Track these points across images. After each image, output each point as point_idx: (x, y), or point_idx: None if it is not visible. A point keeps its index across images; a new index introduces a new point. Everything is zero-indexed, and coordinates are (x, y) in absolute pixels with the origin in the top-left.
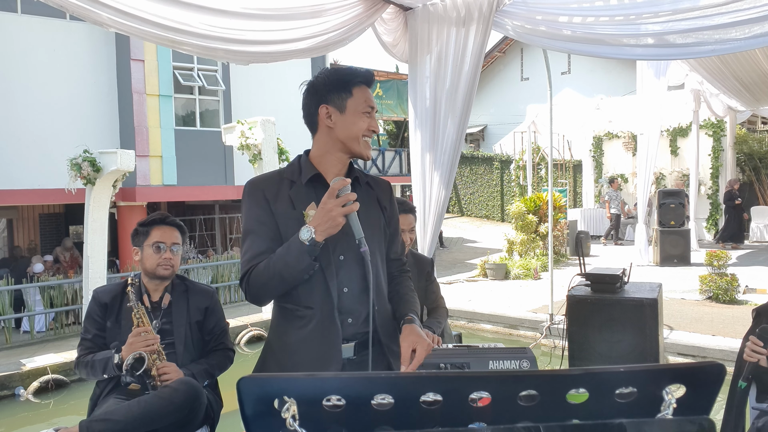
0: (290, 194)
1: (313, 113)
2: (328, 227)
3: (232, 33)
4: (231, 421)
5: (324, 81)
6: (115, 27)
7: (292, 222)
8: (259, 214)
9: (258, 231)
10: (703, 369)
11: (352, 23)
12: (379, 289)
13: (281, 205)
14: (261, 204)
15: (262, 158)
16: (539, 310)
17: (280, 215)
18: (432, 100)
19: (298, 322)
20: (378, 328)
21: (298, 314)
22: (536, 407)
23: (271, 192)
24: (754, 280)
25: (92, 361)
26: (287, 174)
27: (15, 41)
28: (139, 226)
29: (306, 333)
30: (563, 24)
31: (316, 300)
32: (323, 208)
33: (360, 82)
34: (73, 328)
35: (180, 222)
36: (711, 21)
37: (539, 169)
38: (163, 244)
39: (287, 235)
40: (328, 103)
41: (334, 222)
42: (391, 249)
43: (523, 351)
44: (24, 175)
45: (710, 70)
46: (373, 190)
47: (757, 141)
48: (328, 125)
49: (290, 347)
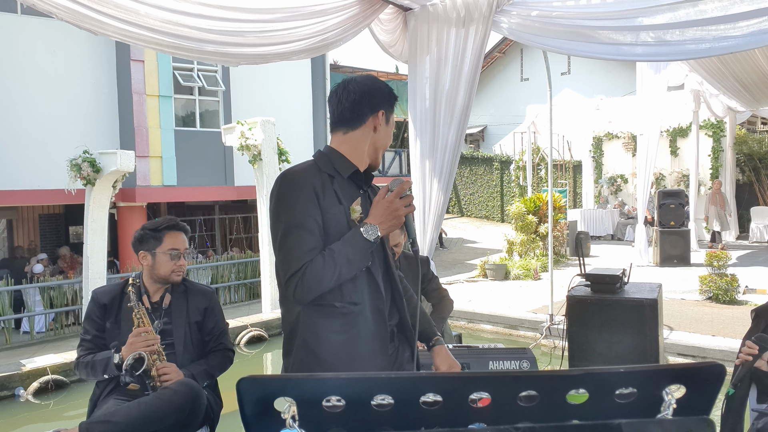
0: (335, 188)
1: (365, 113)
2: (391, 225)
3: (229, 35)
4: (231, 421)
5: (383, 90)
6: (103, 33)
7: (340, 217)
8: (308, 207)
9: (308, 225)
10: (703, 369)
11: (350, 23)
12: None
13: (328, 199)
14: (311, 197)
15: (262, 159)
16: (539, 311)
17: (327, 209)
18: (432, 100)
19: (342, 319)
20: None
21: (344, 311)
22: (536, 408)
23: (318, 185)
24: (754, 281)
25: (92, 362)
26: (324, 167)
27: (15, 42)
28: (150, 231)
29: (356, 329)
30: (562, 25)
31: (363, 295)
32: (389, 207)
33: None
34: (73, 329)
35: (186, 225)
36: (709, 16)
37: (539, 169)
38: (178, 251)
39: (331, 230)
40: (386, 110)
41: (399, 221)
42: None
43: (523, 351)
44: (24, 176)
45: (710, 71)
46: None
47: (756, 141)
48: (376, 127)
49: (337, 345)
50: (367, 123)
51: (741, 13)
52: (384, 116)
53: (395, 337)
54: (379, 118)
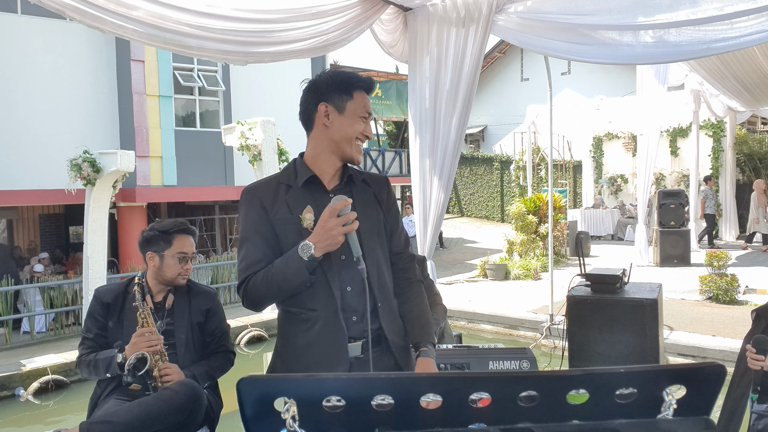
0: (287, 199)
1: (311, 110)
2: (328, 245)
3: (231, 35)
4: (231, 421)
5: (327, 80)
6: (110, 30)
7: (291, 227)
8: (254, 220)
9: (254, 239)
10: (703, 369)
11: (351, 24)
12: (383, 286)
13: (279, 211)
14: (257, 210)
15: (262, 159)
16: (539, 311)
17: (278, 221)
18: (432, 100)
19: (303, 325)
20: (383, 326)
21: (303, 317)
22: (536, 408)
23: (268, 198)
24: (754, 281)
25: (95, 360)
26: (283, 178)
27: (15, 42)
28: (160, 233)
29: (312, 335)
30: (562, 26)
31: (320, 301)
32: (324, 227)
33: (361, 87)
34: (73, 329)
35: (195, 229)
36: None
37: (539, 169)
38: (186, 255)
39: (285, 241)
40: (329, 101)
41: (334, 240)
42: (393, 242)
43: (523, 351)
44: (24, 176)
45: (710, 71)
46: (370, 187)
47: (757, 141)
48: (324, 124)
49: (298, 350)
50: (316, 121)
51: (739, 12)
52: (331, 108)
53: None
54: (321, 113)
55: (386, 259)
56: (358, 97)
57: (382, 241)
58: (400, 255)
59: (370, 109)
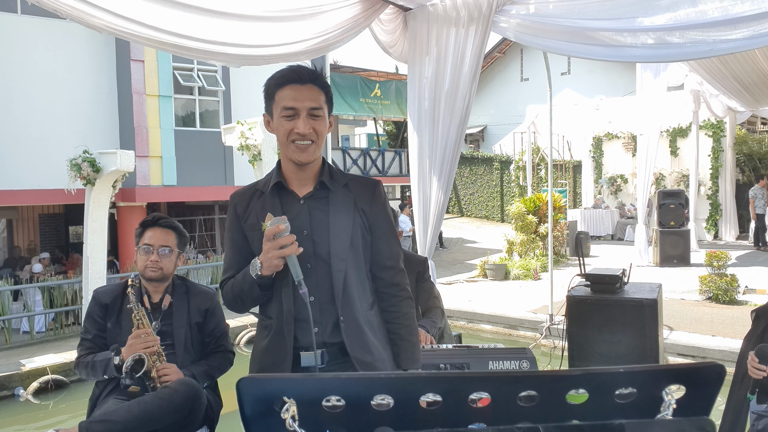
0: (255, 206)
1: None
2: (270, 266)
3: (228, 35)
4: (231, 421)
5: (265, 87)
6: (108, 30)
7: (257, 234)
8: (229, 227)
9: (229, 245)
10: (702, 369)
11: (350, 24)
12: (348, 300)
13: (250, 218)
14: (232, 219)
15: (262, 158)
16: (539, 311)
17: (248, 228)
18: (431, 100)
19: (263, 332)
20: (345, 340)
21: (264, 324)
22: (536, 408)
23: (241, 206)
24: (753, 281)
25: (92, 362)
26: (260, 185)
27: (15, 42)
28: (138, 228)
29: (266, 342)
30: (562, 26)
31: (275, 310)
32: (264, 249)
33: (279, 84)
34: (73, 329)
35: (177, 224)
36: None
37: (539, 169)
38: (151, 246)
39: (256, 247)
40: (266, 110)
41: (274, 263)
42: (381, 253)
43: (523, 351)
44: (24, 176)
45: (710, 71)
46: (351, 192)
47: (756, 141)
48: (271, 132)
49: (256, 355)
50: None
51: (741, 16)
52: (267, 116)
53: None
54: (266, 122)
55: (360, 270)
56: (279, 96)
57: (356, 251)
58: (388, 270)
59: (289, 103)
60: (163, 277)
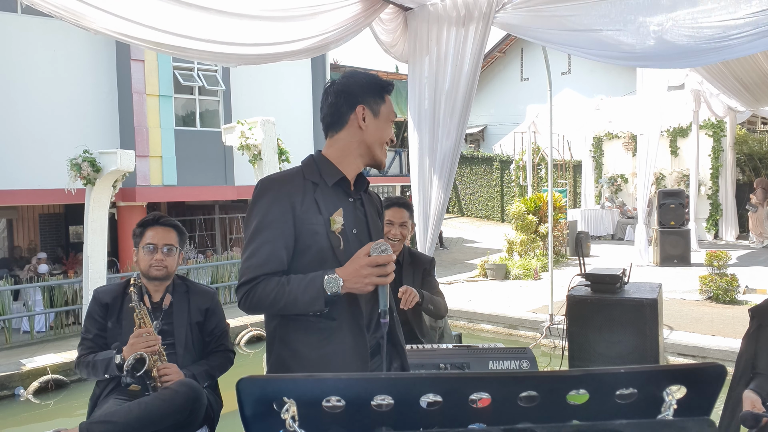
0: (315, 197)
1: (344, 112)
2: (356, 288)
3: (228, 35)
4: (231, 421)
5: (361, 83)
6: (103, 32)
7: (318, 227)
8: (277, 217)
9: (272, 238)
10: (703, 370)
11: (350, 23)
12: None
13: (307, 209)
14: (284, 206)
15: (262, 158)
16: (539, 311)
17: (304, 220)
18: (431, 100)
19: (318, 334)
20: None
21: (320, 326)
22: (536, 408)
23: (298, 194)
24: (754, 280)
25: (93, 361)
26: (308, 175)
27: (15, 41)
28: (136, 228)
29: (332, 346)
30: (563, 25)
31: (342, 311)
32: (359, 272)
33: (390, 91)
34: (73, 328)
35: (176, 222)
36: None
37: (539, 169)
38: (155, 245)
39: (306, 240)
40: (365, 104)
41: (365, 288)
42: None
43: (523, 351)
44: (24, 176)
45: (710, 71)
46: (371, 197)
47: (757, 141)
48: (360, 126)
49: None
50: (349, 122)
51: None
52: (367, 111)
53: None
54: (359, 115)
55: None
56: (388, 101)
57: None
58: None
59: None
60: (168, 275)
